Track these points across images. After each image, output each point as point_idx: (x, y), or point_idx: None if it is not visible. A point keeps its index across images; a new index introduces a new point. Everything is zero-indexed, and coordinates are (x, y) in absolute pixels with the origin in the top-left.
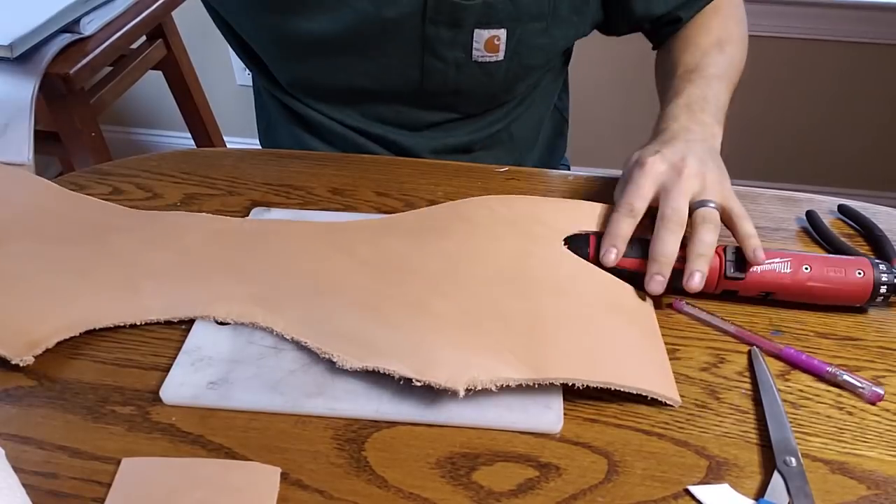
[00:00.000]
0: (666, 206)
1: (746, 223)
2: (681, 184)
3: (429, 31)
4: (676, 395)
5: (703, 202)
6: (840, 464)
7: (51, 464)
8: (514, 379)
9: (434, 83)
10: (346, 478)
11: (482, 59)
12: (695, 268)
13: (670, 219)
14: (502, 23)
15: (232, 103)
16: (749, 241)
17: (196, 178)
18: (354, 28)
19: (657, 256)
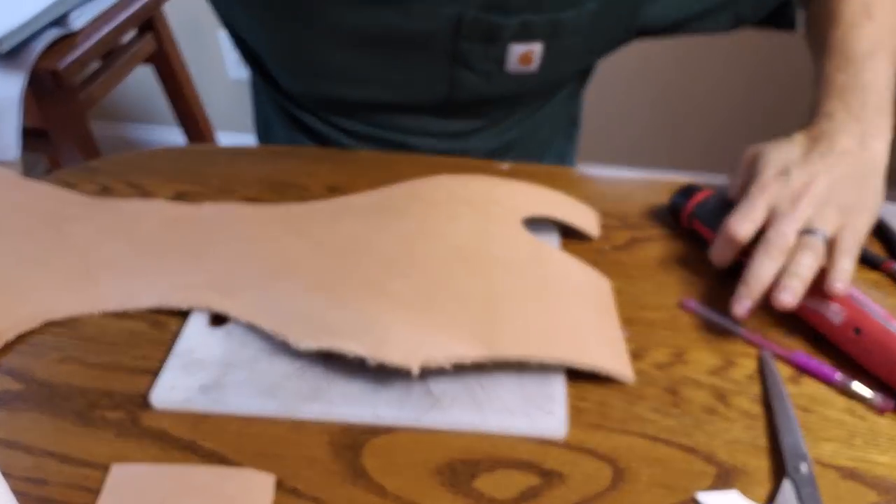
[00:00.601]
0: (771, 229)
1: (844, 258)
2: (793, 211)
3: (462, 45)
4: (629, 372)
5: (812, 230)
6: (851, 470)
7: (39, 469)
8: (468, 356)
9: (463, 94)
10: (343, 485)
11: (515, 72)
12: (785, 283)
13: (772, 243)
14: (540, 38)
15: (224, 97)
16: (834, 273)
17: (188, 175)
18: (382, 42)
19: (749, 279)
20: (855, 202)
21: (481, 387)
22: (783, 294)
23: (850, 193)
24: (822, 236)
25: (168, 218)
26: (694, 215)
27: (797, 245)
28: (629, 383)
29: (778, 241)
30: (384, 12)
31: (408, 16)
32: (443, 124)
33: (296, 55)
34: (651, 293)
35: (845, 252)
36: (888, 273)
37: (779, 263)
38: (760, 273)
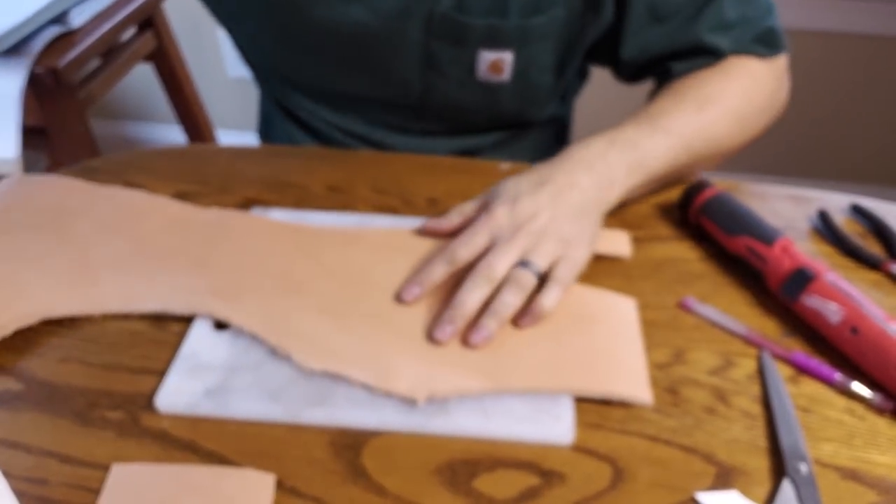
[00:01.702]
0: (483, 259)
1: (550, 289)
2: (511, 241)
3: (432, 46)
4: (647, 395)
5: (526, 263)
6: (851, 470)
7: (40, 469)
8: (474, 389)
9: (435, 98)
10: (343, 485)
11: (486, 79)
12: (482, 323)
13: (480, 273)
14: (509, 45)
15: (223, 95)
16: (539, 303)
17: (188, 175)
18: (356, 35)
19: (454, 304)
20: (575, 235)
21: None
22: (475, 334)
23: (572, 227)
24: (535, 269)
25: (172, 218)
26: (701, 212)
27: (506, 279)
28: (647, 405)
29: (485, 271)
30: (354, 7)
31: (378, 12)
32: (424, 124)
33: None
34: (651, 293)
35: (556, 282)
36: (887, 273)
37: (485, 292)
38: (465, 300)
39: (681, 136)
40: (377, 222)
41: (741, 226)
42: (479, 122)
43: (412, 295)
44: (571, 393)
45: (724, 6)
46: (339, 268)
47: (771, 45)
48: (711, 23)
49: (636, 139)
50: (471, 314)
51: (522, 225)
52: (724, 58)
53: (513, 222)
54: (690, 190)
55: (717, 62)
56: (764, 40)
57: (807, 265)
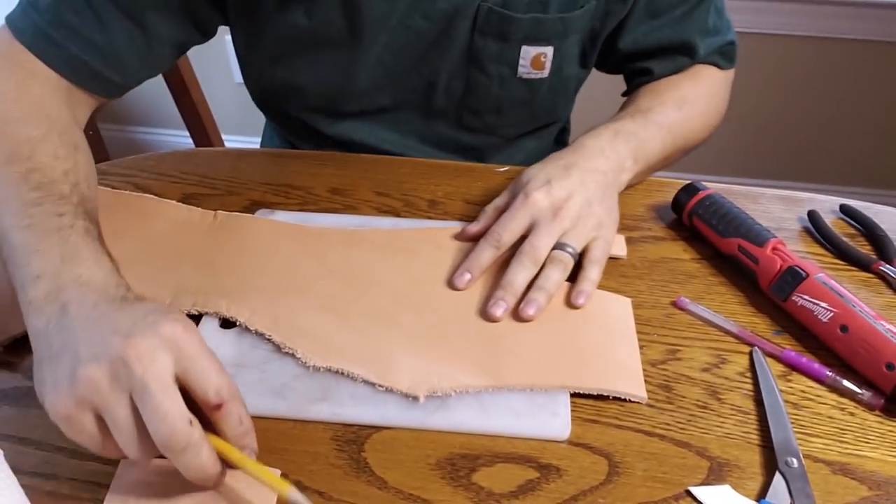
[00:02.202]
0: (527, 242)
1: (592, 268)
2: (552, 225)
3: (477, 42)
4: (642, 392)
5: (563, 245)
6: (842, 465)
7: (49, 464)
8: (473, 386)
9: (477, 97)
10: (346, 479)
11: (527, 76)
12: (532, 297)
13: (527, 255)
14: (550, 40)
15: (231, 101)
16: (578, 284)
17: (195, 178)
18: (408, 44)
19: (504, 284)
20: (604, 216)
21: (488, 390)
22: (528, 307)
23: (601, 208)
24: (573, 250)
25: (179, 220)
26: (695, 213)
27: (548, 259)
28: (642, 401)
29: (530, 252)
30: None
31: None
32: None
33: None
34: (645, 292)
35: (594, 262)
36: (877, 273)
37: (531, 272)
38: (514, 280)
39: (669, 129)
40: (379, 224)
41: (733, 227)
42: (513, 123)
43: (464, 281)
44: (568, 389)
45: (709, 13)
46: (342, 268)
47: (729, 59)
48: (697, 26)
49: (635, 130)
50: (520, 292)
51: (560, 207)
52: (697, 62)
53: (551, 204)
54: (684, 192)
55: (689, 66)
56: (725, 53)
57: (797, 265)
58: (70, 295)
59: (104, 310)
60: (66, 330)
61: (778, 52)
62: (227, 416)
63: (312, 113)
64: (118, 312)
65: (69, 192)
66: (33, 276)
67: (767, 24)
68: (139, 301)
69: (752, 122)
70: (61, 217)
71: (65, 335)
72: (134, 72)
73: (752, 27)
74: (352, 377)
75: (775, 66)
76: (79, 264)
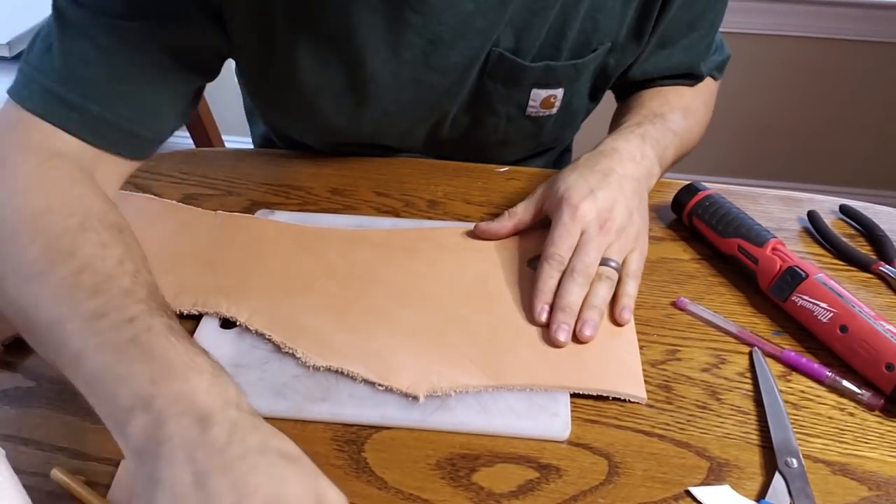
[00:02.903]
0: (578, 259)
1: (630, 283)
2: (599, 239)
3: (487, 85)
4: (642, 392)
5: (607, 260)
6: (841, 465)
7: (50, 465)
8: (472, 386)
9: (483, 132)
10: (346, 479)
11: (535, 114)
12: (587, 317)
13: (581, 273)
14: (561, 84)
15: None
16: (620, 300)
17: (195, 178)
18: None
19: (564, 307)
20: (641, 225)
21: (488, 390)
22: (585, 328)
23: (638, 217)
24: (616, 264)
25: (180, 221)
26: (694, 214)
27: (596, 275)
28: (642, 401)
29: (585, 270)
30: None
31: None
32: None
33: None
34: (645, 292)
35: (632, 276)
36: (877, 274)
37: (585, 290)
38: (573, 300)
39: (680, 136)
40: (379, 224)
41: (733, 227)
42: (517, 152)
43: (546, 315)
44: (568, 389)
45: (710, 36)
46: (342, 267)
47: (721, 72)
48: (701, 53)
49: (658, 136)
50: (577, 311)
51: (606, 219)
52: (700, 81)
53: (597, 215)
54: (684, 192)
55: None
56: (720, 67)
57: (797, 265)
58: (173, 428)
59: (225, 453)
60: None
61: (778, 52)
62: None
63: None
64: (239, 462)
65: (132, 284)
66: (124, 409)
67: (767, 25)
68: (260, 432)
69: (752, 122)
70: (133, 322)
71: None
72: (163, 120)
73: (752, 28)
74: (352, 377)
75: (775, 67)
76: (173, 379)
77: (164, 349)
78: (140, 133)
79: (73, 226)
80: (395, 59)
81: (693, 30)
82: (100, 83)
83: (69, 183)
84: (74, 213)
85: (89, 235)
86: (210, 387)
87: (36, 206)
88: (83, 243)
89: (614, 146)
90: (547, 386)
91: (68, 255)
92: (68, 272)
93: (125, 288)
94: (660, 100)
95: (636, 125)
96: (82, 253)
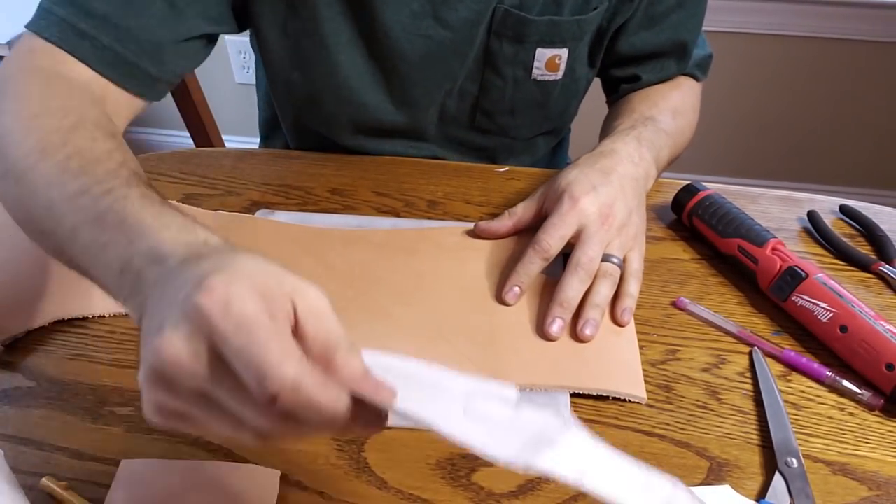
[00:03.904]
0: (582, 253)
1: (632, 283)
2: (601, 234)
3: (493, 45)
4: (642, 392)
5: (609, 257)
6: (841, 465)
7: (50, 465)
8: None
9: (491, 100)
10: (346, 479)
11: (541, 78)
12: (589, 316)
13: (583, 267)
14: (565, 42)
15: (231, 101)
16: (622, 301)
17: (195, 178)
18: (429, 55)
19: (562, 301)
20: (640, 224)
21: None
22: (586, 328)
23: (637, 217)
24: (617, 261)
25: None
26: (694, 214)
27: (599, 272)
28: (642, 401)
29: (588, 265)
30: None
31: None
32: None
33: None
34: (645, 292)
35: (633, 275)
36: (877, 274)
37: (587, 285)
38: (571, 296)
39: (672, 137)
40: (379, 224)
41: (733, 227)
42: (526, 124)
43: (514, 296)
44: (568, 389)
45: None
46: (342, 267)
47: (704, 72)
48: (690, 31)
49: (652, 138)
50: (576, 306)
51: (608, 215)
52: (683, 70)
53: (598, 211)
54: (684, 192)
55: (675, 75)
56: (702, 66)
57: (797, 265)
58: (149, 279)
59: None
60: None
61: (778, 52)
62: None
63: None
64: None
65: (116, 167)
66: (115, 274)
67: (767, 25)
68: (229, 250)
69: (751, 122)
70: (111, 193)
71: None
72: (170, 61)
73: (751, 27)
74: None
75: (775, 67)
76: (144, 237)
77: (137, 213)
78: (146, 68)
79: (67, 125)
80: (405, 9)
81: (681, 6)
82: (111, 17)
83: (68, 94)
84: (69, 115)
85: (81, 132)
86: (177, 235)
87: (33, 109)
88: (74, 137)
89: (613, 147)
90: (547, 386)
91: (60, 146)
92: (58, 160)
93: (109, 169)
94: (648, 103)
95: (630, 128)
96: (73, 144)
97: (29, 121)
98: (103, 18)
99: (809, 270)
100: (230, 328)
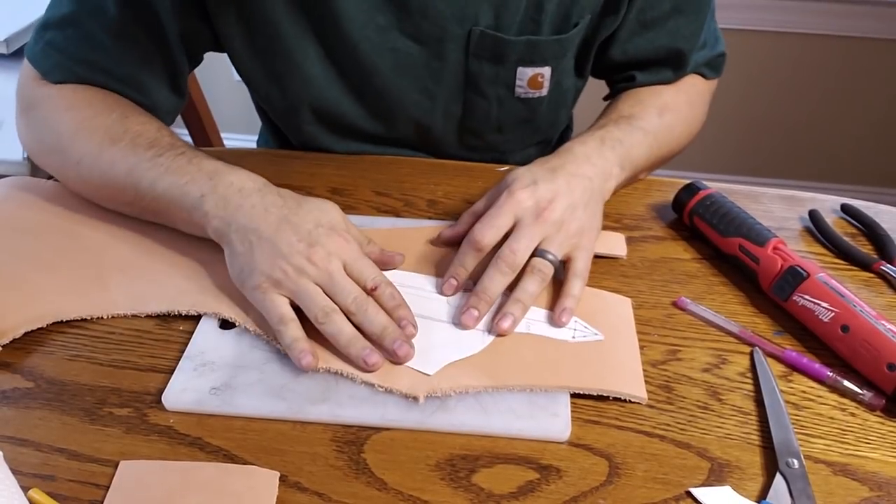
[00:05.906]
0: (506, 245)
1: (575, 283)
2: (535, 228)
3: (472, 66)
4: (642, 392)
5: (544, 252)
6: (842, 465)
7: (48, 466)
8: (472, 386)
9: (476, 119)
10: (346, 480)
11: (525, 96)
12: (507, 310)
13: (504, 260)
14: (547, 61)
15: (231, 101)
16: (562, 300)
17: None
18: (399, 65)
19: (479, 291)
20: (587, 223)
21: (488, 390)
22: (503, 321)
23: (584, 214)
24: (553, 258)
25: None
26: (695, 213)
27: (528, 267)
28: (643, 402)
29: (509, 258)
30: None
31: (417, 38)
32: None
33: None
34: (646, 292)
35: (577, 276)
36: (879, 273)
37: (508, 279)
38: (489, 287)
39: (654, 135)
40: (379, 224)
41: (734, 226)
42: (515, 139)
43: (451, 288)
44: (568, 389)
45: (702, 29)
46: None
47: (716, 70)
48: (688, 38)
49: (620, 137)
50: (494, 299)
51: (544, 208)
52: (683, 74)
53: (535, 204)
54: (684, 191)
55: (673, 80)
56: (712, 64)
57: (798, 265)
58: (235, 200)
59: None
60: (251, 231)
61: (781, 50)
62: (381, 295)
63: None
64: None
65: (172, 138)
66: (197, 197)
67: (768, 23)
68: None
69: (753, 120)
70: (185, 154)
71: (251, 236)
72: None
73: (755, 25)
74: (351, 378)
75: (777, 65)
76: (225, 175)
77: (212, 163)
78: (137, 99)
79: (117, 118)
80: (370, 24)
81: (679, 13)
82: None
83: (98, 95)
84: (113, 110)
85: (131, 120)
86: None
87: (85, 113)
88: (130, 124)
89: (569, 147)
90: (547, 386)
91: (122, 132)
92: (127, 141)
93: (170, 142)
94: (632, 101)
95: (598, 128)
96: (132, 130)
97: (90, 121)
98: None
99: (811, 270)
100: (351, 255)
